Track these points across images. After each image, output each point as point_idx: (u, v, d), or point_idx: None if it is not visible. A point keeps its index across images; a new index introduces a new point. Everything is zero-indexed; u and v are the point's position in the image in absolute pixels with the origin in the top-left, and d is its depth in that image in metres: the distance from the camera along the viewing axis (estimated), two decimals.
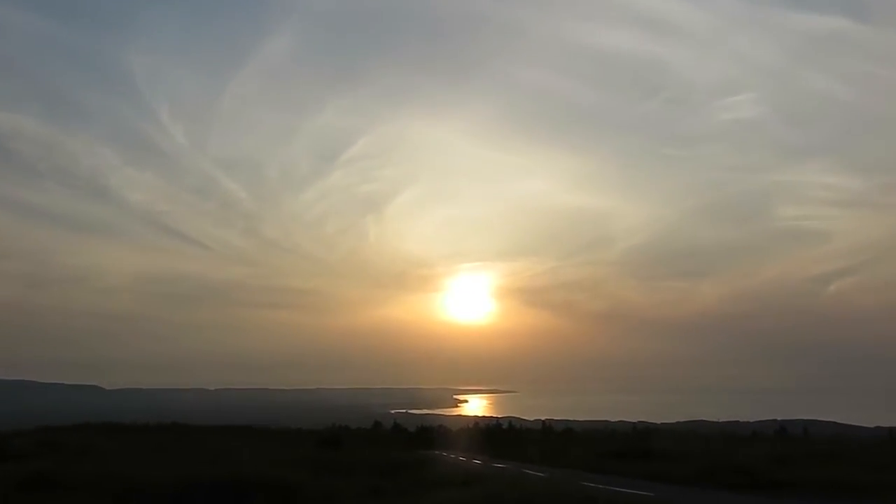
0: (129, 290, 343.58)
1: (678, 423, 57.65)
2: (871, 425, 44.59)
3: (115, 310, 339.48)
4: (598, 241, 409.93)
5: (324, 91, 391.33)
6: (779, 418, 56.62)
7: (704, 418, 59.35)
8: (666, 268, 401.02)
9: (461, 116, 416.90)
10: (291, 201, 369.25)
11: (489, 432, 45.31)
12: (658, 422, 55.64)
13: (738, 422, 59.28)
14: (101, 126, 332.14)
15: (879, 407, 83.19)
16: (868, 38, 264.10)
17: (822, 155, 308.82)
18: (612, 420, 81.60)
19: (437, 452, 31.40)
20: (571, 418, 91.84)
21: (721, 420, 56.14)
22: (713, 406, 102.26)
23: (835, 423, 54.00)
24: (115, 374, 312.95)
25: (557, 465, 21.84)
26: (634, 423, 56.78)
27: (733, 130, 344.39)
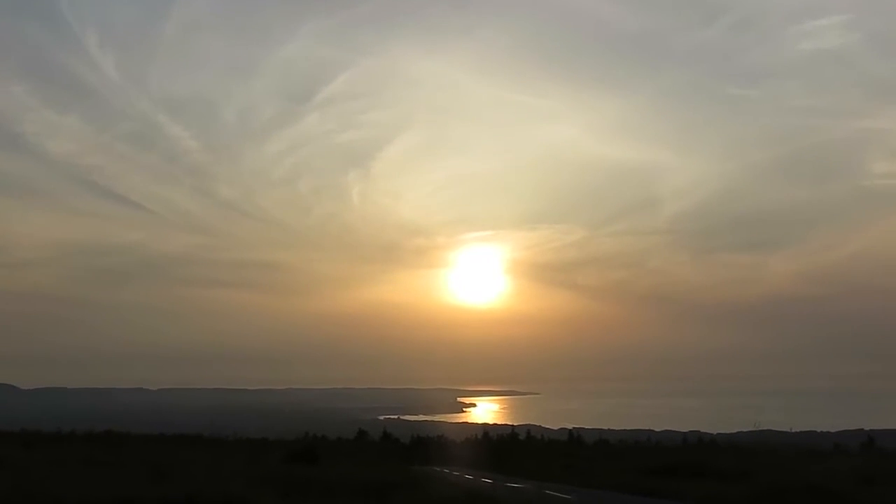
0: (50, 265, 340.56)
1: (739, 433, 58.70)
2: None
3: (32, 290, 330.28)
4: (642, 205, 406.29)
5: (294, 14, 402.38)
6: (866, 427, 57.88)
7: (773, 427, 60.73)
8: (726, 238, 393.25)
9: (468, 46, 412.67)
10: (253, 153, 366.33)
11: (502, 444, 45.87)
12: (714, 432, 56.58)
13: (815, 432, 61.64)
14: (12, 58, 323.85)
15: None
16: None
17: None
18: (657, 430, 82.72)
19: (435, 469, 31.98)
20: (606, 427, 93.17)
21: (794, 430, 57.23)
22: (784, 412, 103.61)
23: None
24: (33, 370, 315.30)
25: (587, 485, 22.20)
26: (685, 433, 57.96)
27: (814, 64, 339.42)
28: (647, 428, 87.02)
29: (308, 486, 16.65)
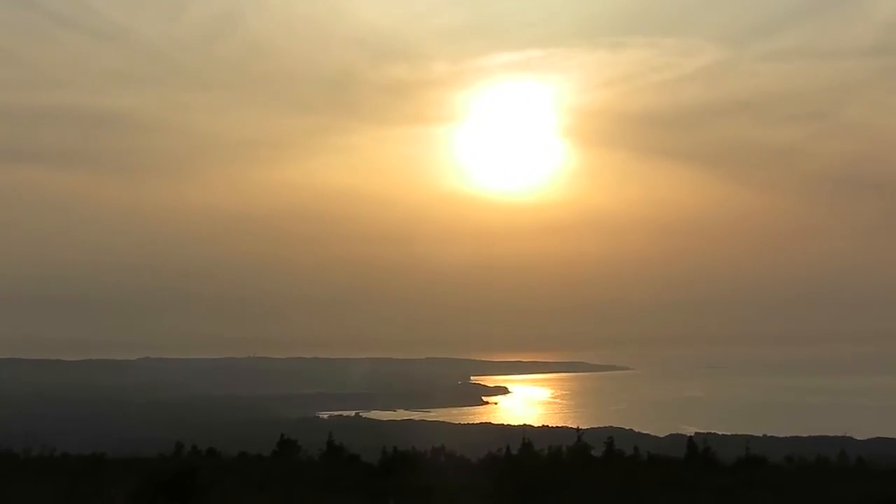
0: None
1: None
2: None
3: None
4: (831, 2, 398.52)
5: None
6: None
7: None
8: None
9: None
10: None
11: (555, 471, 46.56)
12: None
13: None
14: None
15: None
16: None
17: None
18: (860, 437, 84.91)
19: None
20: (761, 431, 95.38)
21: None
22: None
23: None
24: None
25: None
26: None
27: None
28: (838, 433, 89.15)
29: None
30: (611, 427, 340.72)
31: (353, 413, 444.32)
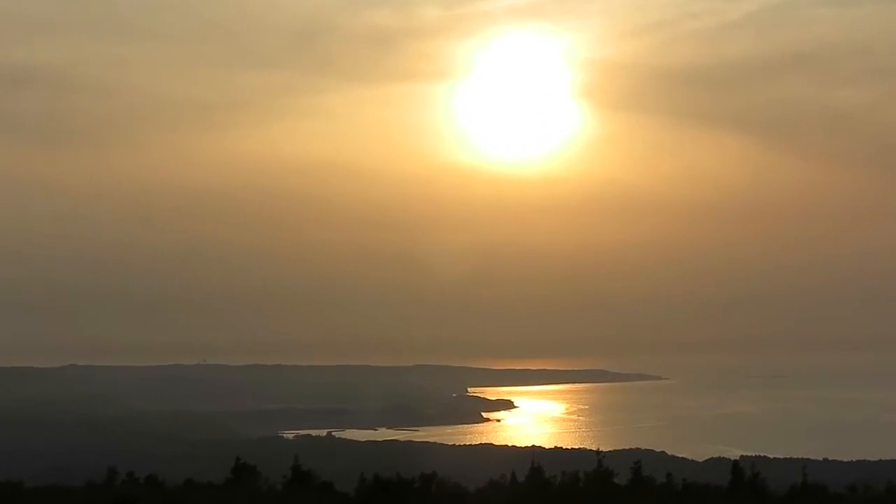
0: None
1: None
2: None
3: None
4: None
5: None
6: None
7: None
8: None
9: None
10: None
11: (565, 497, 47.06)
12: None
13: None
14: None
15: None
16: None
17: None
18: None
19: None
20: (832, 456, 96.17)
21: None
22: None
23: None
24: None
25: None
26: None
27: None
28: None
29: None
30: (638, 449, 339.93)
31: (324, 432, 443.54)
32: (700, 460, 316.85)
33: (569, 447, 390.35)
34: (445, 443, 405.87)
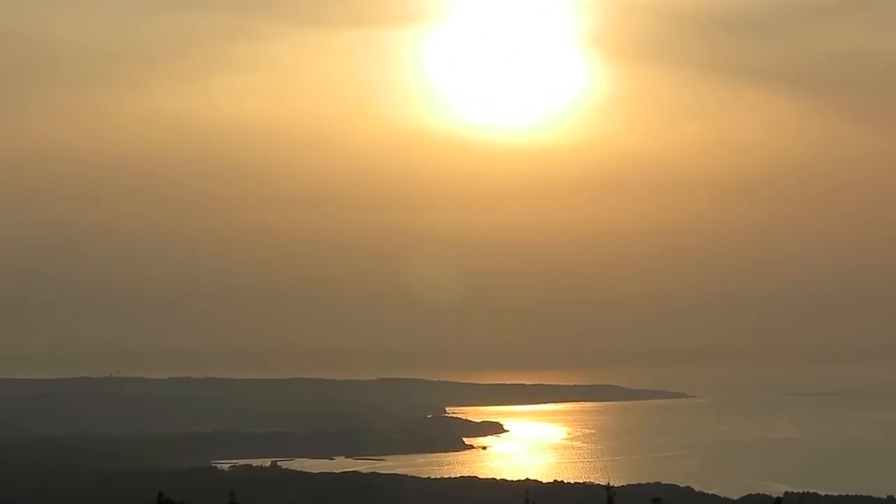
0: None
1: None
2: None
3: None
4: None
5: None
6: None
7: None
8: None
9: None
10: None
11: None
12: None
13: None
14: None
15: None
16: None
17: None
18: None
19: None
20: None
21: None
22: None
23: None
24: None
25: None
26: None
27: None
28: None
29: None
30: (658, 484, 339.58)
31: (268, 462, 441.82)
32: (735, 498, 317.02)
33: (572, 481, 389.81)
34: (418, 475, 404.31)
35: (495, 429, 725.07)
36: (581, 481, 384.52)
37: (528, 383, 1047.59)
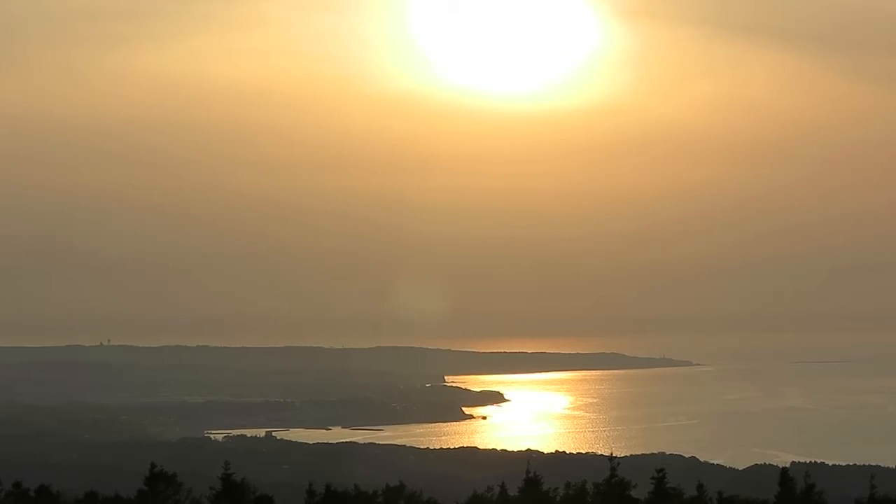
0: None
1: None
2: None
3: None
4: None
5: None
6: None
7: None
8: None
9: None
10: None
11: None
12: None
13: None
14: None
15: None
16: None
17: None
18: None
19: None
20: None
21: None
22: None
23: None
24: None
25: None
26: None
27: None
28: None
29: None
30: (662, 454, 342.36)
31: (262, 432, 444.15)
32: (740, 468, 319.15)
33: (574, 451, 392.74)
34: (416, 446, 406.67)
35: (495, 398, 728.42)
36: (583, 451, 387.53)
37: (529, 352, 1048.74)
